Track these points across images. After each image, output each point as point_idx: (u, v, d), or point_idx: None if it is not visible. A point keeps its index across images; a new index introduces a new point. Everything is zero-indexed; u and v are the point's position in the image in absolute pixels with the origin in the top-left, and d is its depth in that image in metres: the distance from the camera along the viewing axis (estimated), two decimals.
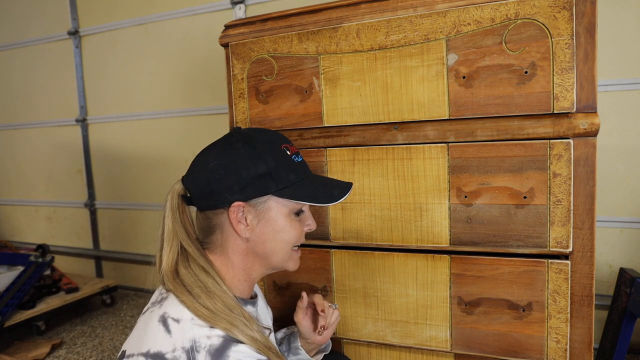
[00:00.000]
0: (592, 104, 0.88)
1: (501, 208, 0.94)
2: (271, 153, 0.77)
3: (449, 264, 1.00)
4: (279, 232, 0.78)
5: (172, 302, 0.71)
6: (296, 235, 0.81)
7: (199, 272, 0.75)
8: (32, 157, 2.99)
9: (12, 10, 2.90)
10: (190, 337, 0.66)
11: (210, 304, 0.71)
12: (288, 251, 0.81)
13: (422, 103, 0.99)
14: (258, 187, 0.75)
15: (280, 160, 0.77)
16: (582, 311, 0.92)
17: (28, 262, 2.27)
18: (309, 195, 0.78)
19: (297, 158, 0.81)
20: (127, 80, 2.58)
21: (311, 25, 1.07)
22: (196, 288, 0.72)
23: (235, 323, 0.70)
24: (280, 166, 0.77)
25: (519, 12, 0.90)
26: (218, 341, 0.66)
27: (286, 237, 0.79)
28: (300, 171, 0.80)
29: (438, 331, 1.03)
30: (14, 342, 2.04)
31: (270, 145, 0.78)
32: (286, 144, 0.81)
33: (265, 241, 0.78)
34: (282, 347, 1.00)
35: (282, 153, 0.78)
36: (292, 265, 0.85)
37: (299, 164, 0.81)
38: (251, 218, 0.77)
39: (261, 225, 0.77)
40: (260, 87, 1.14)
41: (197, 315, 0.69)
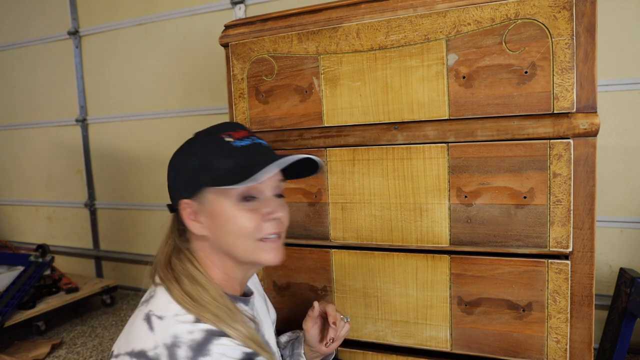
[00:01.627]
0: (592, 104, 0.88)
1: (501, 208, 0.94)
2: (205, 144, 0.75)
3: (449, 264, 1.00)
4: (227, 225, 0.73)
5: (158, 299, 0.72)
6: (249, 224, 0.73)
7: (188, 263, 0.76)
8: (32, 157, 2.99)
9: (12, 10, 2.90)
10: (172, 333, 0.66)
11: (195, 293, 0.71)
12: (249, 243, 0.74)
13: (422, 103, 0.99)
14: (194, 182, 0.74)
15: (212, 150, 0.73)
16: (582, 311, 0.92)
17: (28, 262, 2.27)
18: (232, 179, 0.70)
19: (240, 142, 0.74)
20: (127, 80, 2.58)
21: (311, 25, 1.07)
22: (183, 276, 0.73)
23: (219, 313, 0.69)
24: (212, 155, 0.73)
25: (519, 12, 0.90)
26: (200, 335, 0.65)
27: (235, 229, 0.73)
28: (240, 154, 0.73)
29: (438, 331, 1.03)
30: (14, 342, 2.04)
31: (207, 136, 0.76)
32: (230, 131, 0.76)
33: (220, 237, 0.74)
34: (286, 351, 0.99)
35: (218, 141, 0.74)
36: (267, 258, 0.76)
37: (242, 149, 0.74)
38: (200, 215, 0.75)
39: (209, 220, 0.74)
40: (260, 87, 1.14)
41: (181, 303, 0.69)
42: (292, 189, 1.13)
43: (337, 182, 1.08)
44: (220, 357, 0.64)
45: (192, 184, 0.74)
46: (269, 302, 1.01)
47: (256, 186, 0.74)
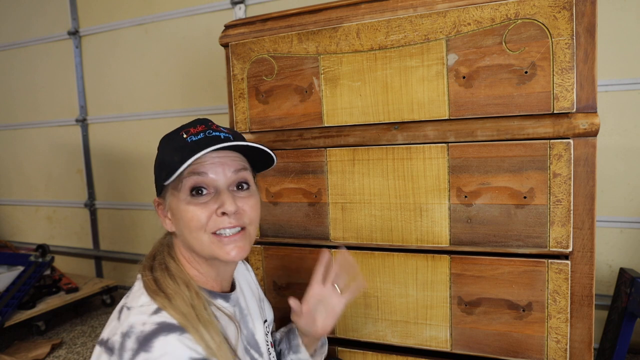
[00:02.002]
0: (592, 104, 0.88)
1: (501, 208, 0.94)
2: (165, 143, 0.77)
3: (449, 264, 1.00)
4: (181, 220, 0.73)
5: (134, 291, 0.74)
6: (198, 218, 0.72)
7: (167, 255, 0.77)
8: (32, 157, 2.99)
9: (12, 10, 2.90)
10: (130, 322, 0.66)
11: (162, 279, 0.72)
12: (204, 237, 0.73)
13: (422, 103, 0.99)
14: (157, 179, 0.76)
15: (168, 147, 0.75)
16: (582, 311, 0.92)
17: (28, 262, 2.27)
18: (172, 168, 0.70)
19: (193, 137, 0.73)
20: (127, 80, 2.58)
21: (311, 25, 1.07)
22: (157, 264, 0.76)
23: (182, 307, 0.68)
24: (166, 153, 0.74)
25: (519, 12, 0.90)
26: (150, 328, 0.64)
27: (187, 223, 0.72)
28: (190, 149, 0.71)
29: (438, 331, 1.03)
30: (14, 342, 2.04)
31: (169, 135, 0.77)
32: (190, 127, 0.75)
33: (182, 233, 0.75)
34: (283, 345, 0.98)
35: (174, 138, 0.75)
36: (222, 253, 0.73)
37: (192, 143, 0.72)
38: (169, 212, 0.77)
39: (172, 217, 0.76)
40: (260, 87, 1.14)
41: (147, 288, 0.71)
42: (292, 189, 1.13)
43: (337, 182, 1.08)
44: (161, 356, 0.62)
45: (157, 182, 0.77)
46: (265, 302, 1.01)
47: (204, 179, 0.73)
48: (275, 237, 1.17)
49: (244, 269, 0.99)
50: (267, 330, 0.94)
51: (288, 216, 1.14)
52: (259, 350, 0.86)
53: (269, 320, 0.98)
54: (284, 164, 1.13)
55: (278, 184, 1.15)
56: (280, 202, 1.15)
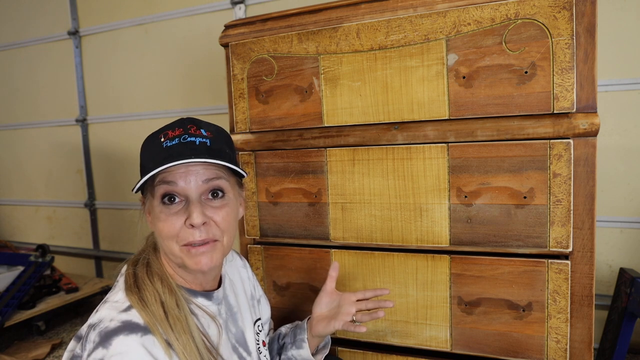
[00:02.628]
0: (592, 104, 0.88)
1: (501, 208, 0.94)
2: (147, 145, 0.76)
3: (449, 264, 1.00)
4: (155, 225, 0.74)
5: (116, 286, 0.76)
6: (167, 228, 0.71)
7: (151, 250, 0.79)
8: (32, 157, 2.99)
9: (12, 10, 2.90)
10: (100, 315, 0.67)
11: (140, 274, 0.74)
12: (175, 247, 0.72)
13: (422, 103, 0.99)
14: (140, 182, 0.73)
15: (148, 150, 0.75)
16: (582, 311, 0.92)
17: (28, 262, 2.27)
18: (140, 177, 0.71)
19: (169, 142, 0.72)
20: (127, 81, 2.58)
21: (311, 25, 1.07)
22: (141, 259, 0.78)
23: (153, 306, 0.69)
24: (146, 157, 0.75)
25: (519, 12, 0.90)
26: (114, 325, 0.65)
27: (159, 231, 0.73)
28: (163, 155, 0.70)
29: (438, 331, 1.03)
30: (14, 342, 2.04)
31: (152, 136, 0.76)
32: (168, 130, 0.74)
33: (157, 236, 0.77)
34: (287, 338, 0.98)
35: (154, 142, 0.74)
36: (191, 264, 0.72)
37: (166, 149, 0.71)
38: (149, 214, 0.78)
39: (151, 219, 0.77)
40: (260, 87, 1.14)
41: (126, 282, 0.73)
42: (292, 189, 1.13)
43: (337, 182, 1.08)
44: (115, 355, 0.62)
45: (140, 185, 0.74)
46: (263, 300, 1.00)
47: (174, 188, 0.71)
48: (275, 237, 1.17)
49: (241, 265, 0.98)
50: (259, 330, 0.93)
51: (288, 216, 1.14)
52: (247, 349, 0.86)
53: (263, 318, 0.97)
54: (284, 164, 1.13)
55: (278, 184, 1.15)
56: (280, 202, 1.15)
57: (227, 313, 0.84)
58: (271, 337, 1.03)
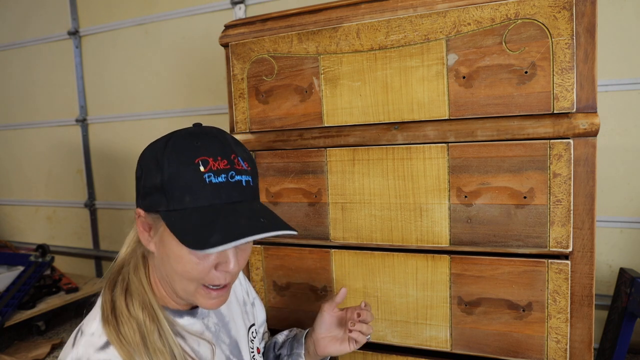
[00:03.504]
0: (592, 104, 0.88)
1: (501, 208, 0.94)
2: (173, 164, 0.63)
3: (449, 264, 1.00)
4: (171, 259, 0.65)
5: (92, 311, 0.70)
6: (194, 272, 0.65)
7: (132, 270, 0.71)
8: (32, 157, 2.99)
9: (12, 10, 2.90)
10: (78, 354, 0.63)
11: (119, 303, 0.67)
12: (191, 286, 0.67)
13: (422, 103, 0.99)
14: (152, 200, 0.65)
15: (180, 175, 0.62)
16: (582, 311, 0.92)
17: (28, 262, 2.27)
18: (185, 229, 0.61)
19: (214, 178, 0.63)
20: (127, 80, 2.58)
21: (311, 25, 1.07)
22: (119, 283, 0.70)
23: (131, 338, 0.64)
24: (176, 183, 0.62)
25: (519, 12, 0.90)
26: None
27: (180, 269, 0.65)
28: (207, 195, 0.62)
29: (438, 331, 1.03)
30: (14, 342, 2.04)
31: (179, 153, 0.64)
32: (208, 156, 0.63)
33: (163, 262, 0.68)
34: (283, 350, 0.96)
35: (190, 167, 0.62)
36: (204, 303, 0.68)
37: (212, 187, 0.62)
38: (152, 231, 0.68)
39: (157, 242, 0.67)
40: (260, 87, 1.14)
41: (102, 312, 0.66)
42: (292, 189, 1.13)
43: (337, 182, 1.08)
44: None
45: (150, 202, 0.65)
46: (257, 302, 0.97)
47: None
48: (275, 237, 1.17)
49: None
50: (253, 336, 0.91)
51: (288, 216, 1.14)
52: (241, 358, 0.83)
53: (258, 322, 0.95)
54: (284, 164, 1.13)
55: (278, 184, 1.15)
56: (280, 202, 1.15)
57: (217, 325, 0.81)
58: (267, 344, 1.00)
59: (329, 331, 0.91)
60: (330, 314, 0.91)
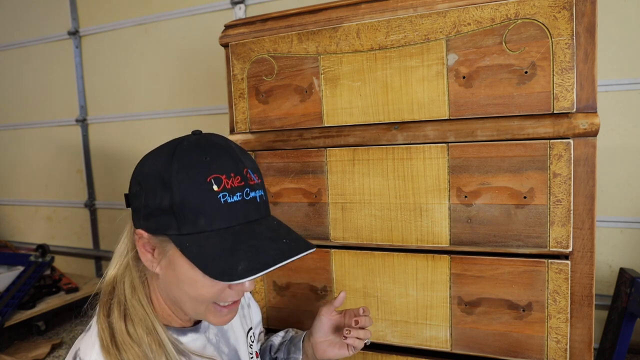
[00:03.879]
0: (592, 104, 0.88)
1: (501, 208, 0.94)
2: (183, 182, 0.59)
3: (449, 264, 1.00)
4: (181, 283, 0.62)
5: (88, 336, 0.66)
6: (208, 295, 0.63)
7: (127, 290, 0.67)
8: (32, 157, 2.99)
9: (12, 10, 2.90)
10: None
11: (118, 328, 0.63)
12: (201, 306, 0.65)
13: (422, 103, 0.99)
14: (159, 222, 0.60)
15: (192, 196, 0.58)
16: (582, 311, 0.92)
17: (28, 262, 2.27)
18: (204, 256, 0.57)
19: (230, 197, 0.59)
20: (127, 80, 2.58)
21: (311, 25, 1.07)
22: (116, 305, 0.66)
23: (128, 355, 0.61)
24: (189, 204, 0.58)
25: (519, 12, 0.90)
26: None
27: (191, 292, 0.63)
28: (223, 217, 0.59)
29: (438, 331, 1.03)
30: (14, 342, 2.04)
31: (188, 171, 0.59)
32: (220, 174, 0.60)
33: (171, 284, 0.65)
34: (280, 354, 0.94)
35: (202, 186, 0.59)
36: (215, 321, 0.67)
37: (227, 207, 0.59)
38: (157, 253, 0.64)
39: (164, 265, 0.63)
40: (260, 87, 1.14)
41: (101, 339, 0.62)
42: (292, 189, 1.13)
43: (337, 182, 1.08)
44: None
45: (156, 224, 0.61)
46: (252, 305, 0.97)
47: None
48: None
49: None
50: (252, 341, 0.90)
51: (288, 216, 1.14)
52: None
53: (254, 324, 0.95)
54: (284, 164, 1.13)
55: (278, 184, 1.15)
56: (280, 202, 1.15)
57: (217, 335, 0.80)
58: (263, 346, 0.99)
59: (327, 335, 0.88)
60: (328, 317, 0.88)
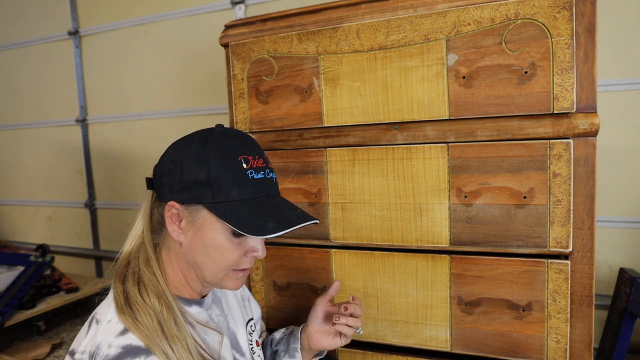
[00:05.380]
0: (592, 104, 0.88)
1: (501, 208, 0.94)
2: (219, 160, 0.70)
3: (449, 264, 1.00)
4: (209, 248, 0.72)
5: (105, 301, 0.74)
6: (231, 258, 0.73)
7: (142, 263, 0.74)
8: (32, 157, 2.99)
9: (12, 10, 2.90)
10: (97, 341, 0.66)
11: (132, 292, 0.70)
12: (222, 271, 0.74)
13: (422, 103, 0.99)
14: (194, 193, 0.71)
15: (226, 171, 0.70)
16: (582, 311, 0.92)
17: (28, 262, 2.27)
18: (239, 218, 0.69)
19: (254, 174, 0.72)
20: (127, 80, 2.58)
21: (311, 25, 1.07)
22: (130, 274, 0.73)
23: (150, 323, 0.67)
24: (224, 177, 0.70)
25: (519, 12, 0.90)
26: (115, 352, 0.64)
27: (216, 257, 0.72)
28: (249, 189, 0.71)
29: (438, 331, 1.03)
30: (14, 342, 2.04)
31: (223, 151, 0.71)
32: (248, 155, 0.73)
33: (195, 251, 0.73)
34: (280, 346, 0.98)
35: (234, 164, 0.71)
36: (231, 285, 0.76)
37: (254, 182, 0.72)
38: (185, 223, 0.73)
39: (192, 233, 0.72)
40: (260, 87, 1.14)
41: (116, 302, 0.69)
42: (292, 189, 1.13)
43: (337, 182, 1.08)
44: None
45: (191, 195, 0.71)
46: (252, 301, 1.01)
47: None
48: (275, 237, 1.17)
49: None
50: (252, 330, 0.94)
51: None
52: (240, 350, 0.86)
53: (255, 318, 0.99)
54: (284, 164, 1.13)
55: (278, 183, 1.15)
56: None
57: (219, 317, 0.85)
58: (264, 341, 1.03)
59: (322, 325, 0.94)
60: (323, 307, 0.94)
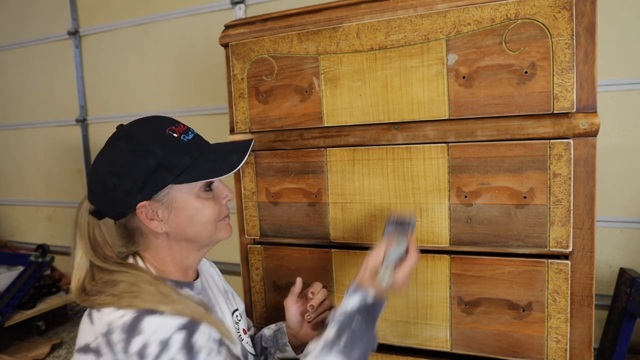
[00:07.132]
0: (592, 104, 0.88)
1: (501, 208, 0.94)
2: (156, 143, 0.76)
3: (449, 264, 1.00)
4: (194, 217, 0.78)
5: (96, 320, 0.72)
6: (213, 212, 0.80)
7: (106, 277, 0.74)
8: (32, 157, 2.99)
9: (12, 10, 2.90)
10: (106, 321, 0.68)
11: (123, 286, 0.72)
12: (212, 228, 0.81)
13: (422, 103, 0.99)
14: (155, 182, 0.75)
15: (167, 147, 0.76)
16: (582, 311, 0.92)
17: (28, 262, 2.27)
18: (208, 171, 0.77)
19: (186, 137, 0.78)
20: (127, 81, 2.58)
21: (311, 25, 1.07)
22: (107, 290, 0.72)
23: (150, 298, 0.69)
24: (170, 153, 0.75)
25: (519, 12, 0.90)
26: (130, 316, 0.66)
27: (203, 219, 0.79)
28: (193, 149, 0.78)
29: (438, 331, 1.03)
30: (14, 342, 2.04)
31: (153, 135, 0.77)
32: (171, 125, 0.79)
33: (185, 228, 0.78)
34: (270, 343, 1.00)
35: (168, 138, 0.76)
36: (224, 234, 0.84)
37: (190, 143, 0.79)
38: (162, 211, 0.77)
39: (173, 216, 0.77)
40: (260, 87, 1.14)
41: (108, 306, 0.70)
42: (292, 189, 1.13)
43: (337, 182, 1.08)
44: (153, 333, 0.64)
45: (152, 185, 0.75)
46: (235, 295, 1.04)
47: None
48: (275, 237, 1.17)
49: (208, 264, 1.03)
50: (237, 319, 0.97)
51: (288, 216, 1.14)
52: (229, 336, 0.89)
53: (240, 309, 1.01)
54: (284, 164, 1.14)
55: (278, 184, 1.15)
56: (280, 202, 1.15)
57: (207, 303, 0.88)
58: (253, 336, 1.05)
59: (302, 323, 0.97)
60: (294, 307, 0.97)
